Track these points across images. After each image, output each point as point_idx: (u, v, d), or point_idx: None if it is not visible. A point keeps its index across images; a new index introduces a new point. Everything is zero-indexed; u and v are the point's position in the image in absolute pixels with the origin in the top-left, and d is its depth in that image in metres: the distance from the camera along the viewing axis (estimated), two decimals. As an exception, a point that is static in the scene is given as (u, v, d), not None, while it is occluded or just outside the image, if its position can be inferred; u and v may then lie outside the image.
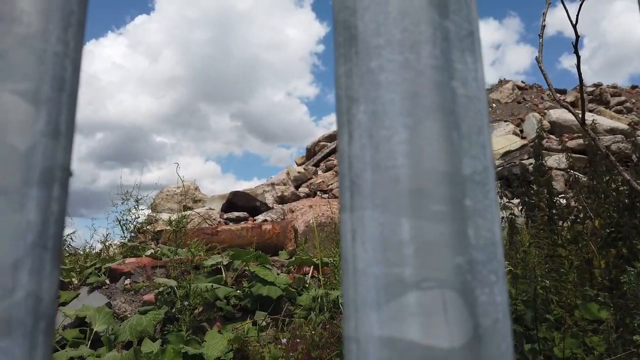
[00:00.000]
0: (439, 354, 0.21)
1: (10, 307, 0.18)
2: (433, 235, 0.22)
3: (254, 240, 5.04)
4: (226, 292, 2.76)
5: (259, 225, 5.85)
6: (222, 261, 3.06)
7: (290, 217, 7.49)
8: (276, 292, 2.67)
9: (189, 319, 2.44)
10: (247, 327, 2.57)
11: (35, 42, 0.20)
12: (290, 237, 6.37)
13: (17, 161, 0.19)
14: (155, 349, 1.98)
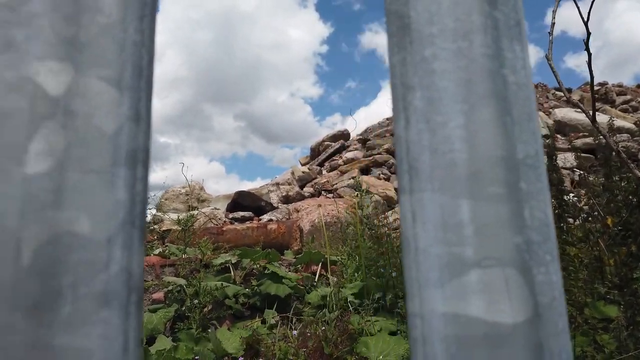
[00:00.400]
0: (502, 329, 0.22)
1: (107, 280, 0.19)
2: (492, 216, 0.23)
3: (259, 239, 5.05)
4: (235, 290, 2.78)
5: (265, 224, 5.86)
6: (230, 260, 3.08)
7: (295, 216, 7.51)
8: (285, 290, 2.68)
9: (199, 317, 2.45)
10: (256, 325, 2.58)
11: (116, 31, 0.21)
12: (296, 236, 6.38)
13: (106, 143, 0.20)
14: (168, 345, 2.00)
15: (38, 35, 0.19)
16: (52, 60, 0.19)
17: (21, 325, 0.17)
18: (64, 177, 0.19)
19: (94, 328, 0.18)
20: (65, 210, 0.18)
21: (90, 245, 0.19)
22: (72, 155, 0.19)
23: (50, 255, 0.18)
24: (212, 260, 3.07)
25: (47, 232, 0.18)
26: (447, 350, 0.22)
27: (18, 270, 0.17)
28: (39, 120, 0.19)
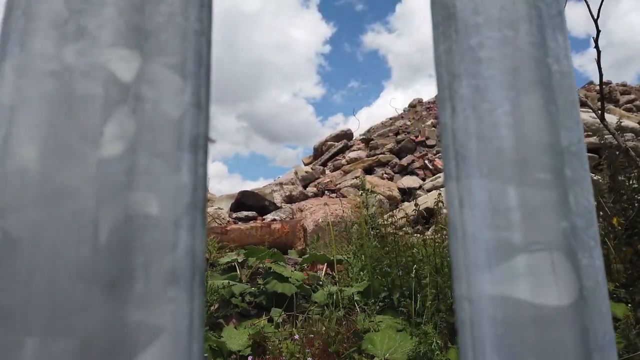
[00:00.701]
0: (549, 311, 0.23)
1: (175, 260, 0.19)
2: (539, 202, 0.24)
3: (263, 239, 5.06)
4: (242, 289, 2.79)
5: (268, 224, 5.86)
6: (236, 258, 3.09)
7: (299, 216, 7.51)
8: (291, 289, 2.69)
9: (206, 315, 2.46)
10: (262, 324, 2.58)
11: (178, 20, 0.22)
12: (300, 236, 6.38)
13: (172, 128, 0.20)
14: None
15: (108, 23, 0.20)
16: (122, 48, 0.20)
17: (100, 301, 0.18)
18: (134, 160, 0.19)
19: (164, 306, 0.19)
20: (137, 192, 0.19)
21: (159, 226, 0.19)
22: (141, 139, 0.20)
23: (124, 236, 0.19)
24: (218, 259, 3.08)
25: (121, 213, 0.19)
26: (495, 332, 0.23)
27: (96, 249, 0.18)
28: (112, 105, 0.19)
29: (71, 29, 0.20)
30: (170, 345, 0.19)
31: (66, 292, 0.17)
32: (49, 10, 0.20)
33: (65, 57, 0.19)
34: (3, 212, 0.18)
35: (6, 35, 0.20)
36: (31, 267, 0.17)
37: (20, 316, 0.17)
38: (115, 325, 0.18)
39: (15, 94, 0.19)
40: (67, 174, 0.18)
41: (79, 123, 0.19)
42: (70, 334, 0.17)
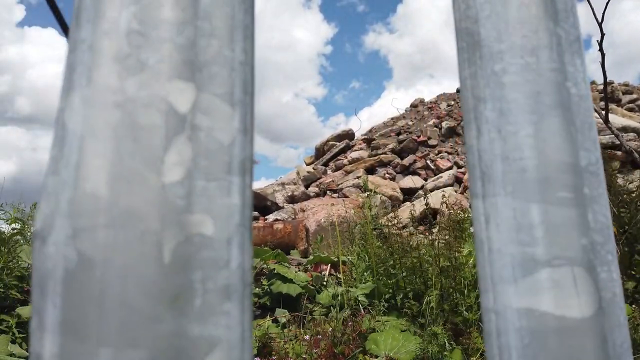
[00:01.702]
0: (571, 323, 0.24)
1: (228, 275, 0.21)
2: (560, 219, 0.25)
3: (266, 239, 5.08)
4: (246, 289, 2.81)
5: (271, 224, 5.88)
6: (240, 259, 3.11)
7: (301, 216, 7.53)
8: (296, 289, 2.71)
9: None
10: (267, 325, 2.60)
11: (226, 52, 0.23)
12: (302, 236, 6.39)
13: (224, 154, 0.22)
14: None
15: (166, 58, 0.22)
16: (179, 81, 0.22)
17: (166, 316, 0.19)
18: (192, 184, 0.21)
19: (219, 319, 0.21)
20: (195, 214, 0.21)
21: (214, 245, 0.21)
22: (197, 165, 0.21)
23: (184, 254, 0.20)
24: (223, 259, 3.10)
25: (181, 234, 0.20)
26: (521, 341, 0.24)
27: (161, 267, 0.20)
28: (171, 134, 0.21)
29: (132, 63, 0.21)
30: (227, 355, 0.20)
31: (135, 307, 0.19)
32: (112, 46, 0.21)
33: (127, 89, 0.21)
34: (77, 234, 0.19)
35: (72, 67, 0.22)
36: (104, 285, 0.19)
37: (94, 329, 0.19)
38: (178, 338, 0.19)
39: (84, 123, 0.21)
40: (133, 198, 0.20)
41: (143, 151, 0.20)
42: (140, 346, 0.19)
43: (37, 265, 0.20)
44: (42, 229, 0.20)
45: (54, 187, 0.20)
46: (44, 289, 0.19)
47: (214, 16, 0.23)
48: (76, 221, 0.20)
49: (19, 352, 2.25)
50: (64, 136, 0.21)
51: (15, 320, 2.44)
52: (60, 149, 0.21)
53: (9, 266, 2.67)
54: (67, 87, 0.22)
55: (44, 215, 0.20)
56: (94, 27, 0.22)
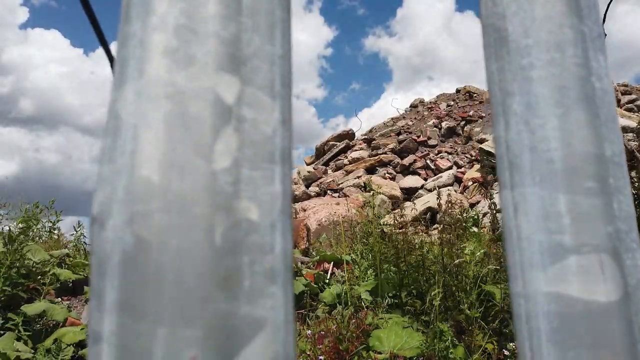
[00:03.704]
0: (598, 307, 0.25)
1: (273, 260, 0.22)
2: (587, 208, 0.26)
3: (268, 238, 5.08)
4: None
5: (272, 223, 5.88)
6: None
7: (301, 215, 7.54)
8: (299, 287, 2.71)
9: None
10: (271, 323, 2.61)
11: (267, 47, 0.24)
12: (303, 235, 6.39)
13: (266, 144, 0.23)
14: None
15: (213, 52, 0.23)
16: (225, 74, 0.23)
17: (217, 296, 0.20)
18: (239, 172, 0.22)
19: (266, 300, 0.22)
20: (242, 200, 0.22)
21: (259, 230, 0.22)
22: (243, 154, 0.22)
23: (233, 238, 0.21)
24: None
25: (230, 219, 0.21)
26: (550, 324, 0.25)
27: (213, 250, 0.20)
28: (219, 125, 0.22)
29: (181, 57, 0.22)
30: (273, 336, 0.21)
31: (190, 287, 0.20)
32: (162, 40, 0.22)
33: (177, 81, 0.22)
34: (134, 219, 0.20)
35: (124, 61, 0.23)
36: (159, 266, 0.20)
37: (151, 309, 0.20)
38: (229, 318, 0.20)
39: (137, 114, 0.22)
40: (185, 184, 0.21)
41: (193, 140, 0.21)
42: (194, 325, 0.20)
43: (96, 249, 0.21)
44: (100, 214, 0.21)
45: (109, 174, 0.21)
46: (102, 271, 0.20)
47: (255, 12, 0.24)
48: (132, 206, 0.20)
49: (24, 349, 2.26)
50: (117, 126, 0.22)
51: (21, 319, 2.45)
52: (115, 139, 0.22)
53: (15, 264, 2.68)
54: (120, 80, 0.23)
55: (101, 201, 0.21)
56: (143, 22, 0.23)
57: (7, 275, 2.71)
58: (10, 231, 3.12)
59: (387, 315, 2.20)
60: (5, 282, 2.65)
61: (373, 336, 1.93)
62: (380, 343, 1.87)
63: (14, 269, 2.78)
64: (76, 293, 3.46)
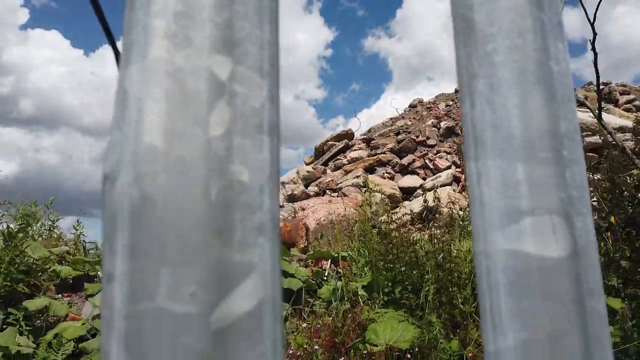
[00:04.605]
0: (550, 262, 0.28)
1: (261, 217, 0.25)
2: (542, 177, 0.29)
3: (266, 237, 5.11)
4: (248, 284, 2.85)
5: (271, 222, 5.91)
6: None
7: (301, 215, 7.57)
8: (297, 284, 2.75)
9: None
10: (269, 318, 2.64)
11: (257, 32, 0.27)
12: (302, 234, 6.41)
13: (256, 117, 0.26)
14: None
15: (208, 35, 0.26)
16: (218, 54, 0.26)
17: (213, 244, 0.23)
18: (231, 140, 0.25)
19: (255, 250, 0.25)
20: (234, 164, 0.25)
21: (250, 191, 0.25)
22: (235, 125, 0.25)
23: (226, 197, 0.24)
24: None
25: (224, 180, 0.24)
26: (507, 278, 0.29)
27: (209, 206, 0.24)
28: (214, 98, 0.25)
29: (180, 40, 0.26)
30: (261, 280, 0.25)
31: (189, 237, 0.23)
32: (162, 25, 0.26)
33: (176, 61, 0.25)
34: (140, 178, 0.24)
35: (129, 45, 0.26)
36: (163, 218, 0.23)
37: (156, 252, 0.23)
38: (223, 262, 0.24)
39: (141, 89, 0.25)
40: (184, 149, 0.24)
41: (190, 111, 0.25)
42: (194, 266, 0.23)
43: (108, 203, 0.24)
44: (110, 174, 0.24)
45: (118, 140, 0.25)
46: (113, 222, 0.24)
47: (246, 1, 0.27)
48: (138, 167, 0.24)
49: (26, 343, 2.29)
50: (125, 99, 0.25)
51: (22, 313, 2.48)
52: (123, 110, 0.25)
53: (15, 261, 2.71)
54: (126, 60, 0.26)
55: (111, 163, 0.24)
56: (146, 10, 0.26)
57: (8, 272, 2.74)
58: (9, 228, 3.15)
59: (383, 310, 2.23)
60: (5, 278, 2.68)
61: (369, 329, 1.96)
62: (377, 336, 1.90)
63: (15, 265, 2.81)
64: (76, 289, 3.49)
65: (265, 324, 0.24)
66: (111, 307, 0.23)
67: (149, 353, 0.22)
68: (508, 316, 0.28)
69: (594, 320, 0.29)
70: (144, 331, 0.23)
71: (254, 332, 0.24)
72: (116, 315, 0.23)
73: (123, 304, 0.23)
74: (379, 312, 2.21)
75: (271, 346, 0.25)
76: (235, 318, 0.24)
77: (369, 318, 2.12)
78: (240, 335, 0.24)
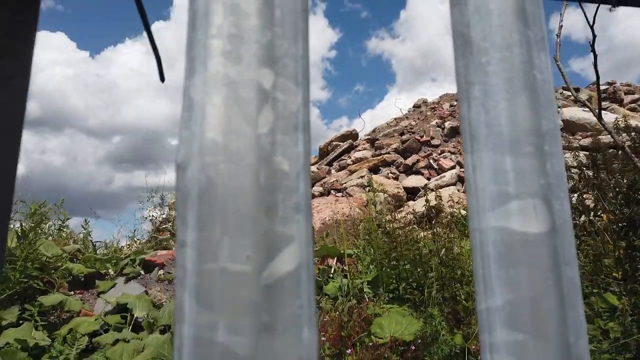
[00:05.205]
0: (531, 237, 0.35)
1: (298, 197, 0.31)
2: (526, 167, 0.36)
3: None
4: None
5: (276, 222, 5.96)
6: (249, 253, 3.22)
7: (305, 214, 7.62)
8: (303, 281, 2.81)
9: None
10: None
11: (292, 49, 0.34)
12: (307, 234, 6.40)
13: (293, 118, 0.33)
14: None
15: (255, 53, 0.32)
16: (264, 68, 0.32)
17: (262, 219, 0.30)
18: (274, 137, 0.31)
19: (294, 224, 0.31)
20: (277, 156, 0.31)
21: (289, 178, 0.32)
22: (277, 124, 0.32)
23: (272, 182, 0.31)
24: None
25: (270, 168, 0.31)
26: (497, 250, 0.35)
27: (258, 187, 0.30)
28: (261, 103, 0.31)
29: (233, 57, 0.32)
30: (298, 247, 0.31)
31: (244, 212, 0.30)
32: (219, 45, 0.32)
33: (231, 74, 0.32)
34: (205, 167, 0.30)
35: (192, 59, 0.32)
36: (223, 198, 0.30)
37: (219, 225, 0.29)
38: (270, 233, 0.30)
39: (204, 96, 0.31)
40: (239, 144, 0.30)
41: (243, 114, 0.31)
42: (247, 236, 0.29)
43: (180, 187, 0.30)
44: (182, 164, 0.31)
45: (187, 137, 0.31)
46: (185, 202, 0.30)
47: (284, 23, 0.34)
48: (204, 158, 0.30)
49: (41, 337, 2.37)
50: (191, 105, 0.32)
51: (37, 309, 2.56)
52: (190, 113, 0.31)
53: (30, 257, 2.79)
54: (190, 72, 0.32)
55: (182, 155, 0.31)
56: (205, 31, 0.33)
57: (23, 268, 2.82)
58: (22, 226, 3.23)
59: (388, 305, 2.29)
60: (21, 275, 2.76)
61: (375, 323, 2.02)
62: (382, 330, 1.96)
63: (29, 262, 2.89)
64: (87, 286, 3.57)
65: (302, 282, 0.31)
66: (184, 268, 0.30)
67: (214, 303, 0.29)
68: (497, 281, 0.34)
69: (568, 286, 0.35)
70: (210, 285, 0.29)
71: (294, 288, 0.30)
72: (188, 274, 0.29)
73: (193, 265, 0.29)
74: (384, 308, 2.27)
75: (307, 300, 0.31)
76: (280, 277, 0.30)
77: (374, 313, 2.18)
78: (283, 290, 0.30)
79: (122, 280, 3.19)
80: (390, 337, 1.81)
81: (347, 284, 2.65)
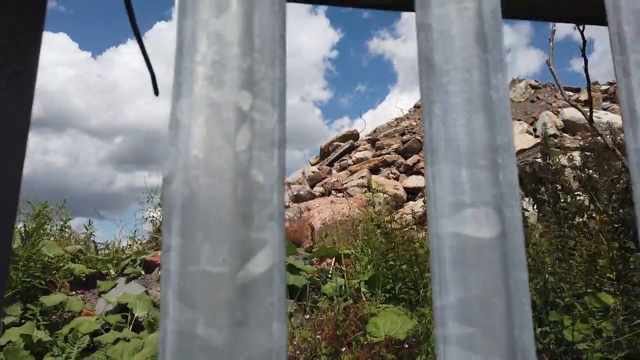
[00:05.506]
0: (484, 242, 0.38)
1: (272, 208, 0.35)
2: (480, 178, 0.40)
3: (272, 236, 5.22)
4: (254, 281, 2.95)
5: (276, 222, 6.00)
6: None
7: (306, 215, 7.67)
8: (302, 281, 2.85)
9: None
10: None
11: (270, 73, 0.38)
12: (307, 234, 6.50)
13: (269, 135, 0.36)
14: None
15: (235, 78, 0.36)
16: (243, 91, 0.36)
17: (239, 227, 0.34)
18: (252, 153, 0.35)
19: (267, 231, 0.35)
20: (253, 170, 0.35)
21: (264, 190, 0.36)
22: (255, 142, 0.36)
23: (249, 194, 0.35)
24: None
25: (246, 181, 0.35)
26: (452, 254, 0.39)
27: (236, 200, 0.34)
28: (239, 123, 0.35)
29: (216, 82, 0.36)
30: (271, 250, 0.35)
31: (223, 221, 0.34)
32: (203, 71, 0.36)
33: (213, 97, 0.36)
34: (189, 180, 0.34)
35: (179, 84, 0.37)
36: (205, 208, 0.34)
37: (201, 231, 0.33)
38: (246, 239, 0.34)
39: (189, 117, 0.35)
40: (219, 159, 0.34)
41: (223, 133, 0.35)
42: (226, 242, 0.33)
43: (166, 198, 0.34)
44: (168, 177, 0.35)
45: (173, 153, 0.35)
46: (170, 211, 0.34)
47: (263, 50, 0.38)
48: (187, 173, 0.34)
49: (43, 336, 2.42)
50: (177, 125, 0.36)
51: (39, 309, 2.61)
52: (176, 132, 0.36)
53: (32, 258, 2.84)
54: (177, 96, 0.36)
55: (168, 170, 0.35)
56: (191, 58, 0.37)
57: (25, 268, 2.87)
58: (25, 227, 3.28)
59: (384, 305, 2.33)
60: (23, 274, 2.81)
61: (370, 323, 2.06)
62: (377, 329, 2.00)
63: (32, 262, 2.94)
64: (89, 287, 3.62)
65: (275, 282, 0.35)
66: (168, 270, 0.34)
67: (195, 301, 0.33)
68: (451, 281, 0.38)
69: (516, 286, 0.39)
70: (191, 286, 0.33)
71: (267, 287, 0.34)
72: (172, 275, 0.33)
73: (177, 267, 0.33)
74: (380, 307, 2.31)
75: (278, 298, 0.35)
76: (254, 277, 0.34)
77: (370, 312, 2.22)
78: (257, 289, 0.34)
79: (123, 280, 3.24)
80: (385, 336, 1.86)
81: (344, 284, 2.69)
